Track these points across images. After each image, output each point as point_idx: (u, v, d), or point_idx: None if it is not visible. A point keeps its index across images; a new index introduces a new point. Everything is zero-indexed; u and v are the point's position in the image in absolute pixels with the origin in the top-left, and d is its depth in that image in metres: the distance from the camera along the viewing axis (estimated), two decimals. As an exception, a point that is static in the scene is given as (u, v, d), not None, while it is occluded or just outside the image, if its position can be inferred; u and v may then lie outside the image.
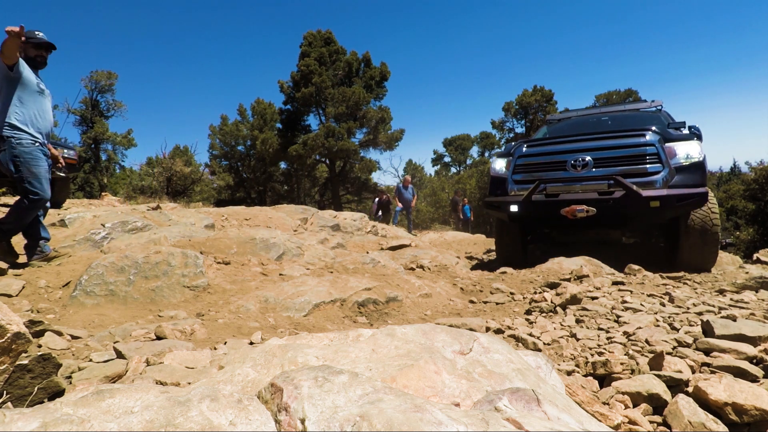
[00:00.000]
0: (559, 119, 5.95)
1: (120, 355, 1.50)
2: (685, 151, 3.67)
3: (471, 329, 1.86)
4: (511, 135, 29.29)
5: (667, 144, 3.70)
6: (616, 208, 3.66)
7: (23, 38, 2.76)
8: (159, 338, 1.75)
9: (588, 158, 3.85)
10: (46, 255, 2.94)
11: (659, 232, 4.76)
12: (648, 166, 3.65)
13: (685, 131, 4.15)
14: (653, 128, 3.83)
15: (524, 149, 4.32)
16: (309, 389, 0.73)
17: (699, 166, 3.65)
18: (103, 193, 14.70)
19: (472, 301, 2.79)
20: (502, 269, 3.86)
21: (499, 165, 4.56)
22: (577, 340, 1.72)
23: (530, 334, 1.81)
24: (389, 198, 13.27)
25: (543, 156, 4.18)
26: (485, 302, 2.71)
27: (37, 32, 3.04)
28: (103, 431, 0.64)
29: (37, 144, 2.91)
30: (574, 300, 2.32)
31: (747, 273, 3.47)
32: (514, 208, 4.10)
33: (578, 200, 3.78)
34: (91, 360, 1.47)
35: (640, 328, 1.77)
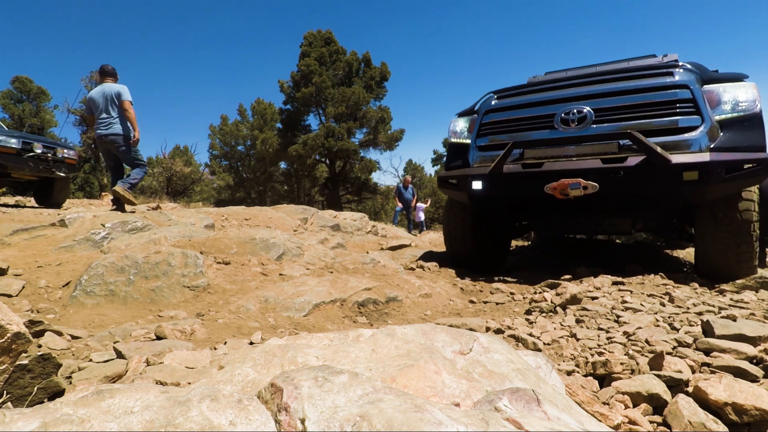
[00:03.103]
0: (544, 81, 4.58)
1: (120, 355, 1.50)
2: (733, 97, 2.48)
3: (471, 329, 1.86)
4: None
5: (706, 86, 2.50)
6: (630, 182, 2.50)
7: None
8: (159, 338, 1.75)
9: (586, 109, 2.64)
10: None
11: (682, 223, 3.36)
12: (679, 118, 2.46)
13: None
14: (685, 64, 2.65)
15: (494, 102, 3.11)
16: (309, 389, 0.73)
17: (755, 119, 2.47)
18: (103, 193, 14.71)
19: (472, 301, 2.79)
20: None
21: (460, 126, 3.28)
22: (577, 340, 1.72)
23: (530, 334, 1.81)
24: (335, 190, 15.14)
25: (520, 109, 2.95)
26: (485, 302, 2.71)
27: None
28: (103, 431, 0.64)
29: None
30: (574, 300, 2.32)
31: (747, 273, 3.46)
32: (476, 184, 2.93)
33: (571, 171, 2.60)
34: (91, 360, 1.47)
35: (640, 328, 1.77)
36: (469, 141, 3.17)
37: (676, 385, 1.24)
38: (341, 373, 0.79)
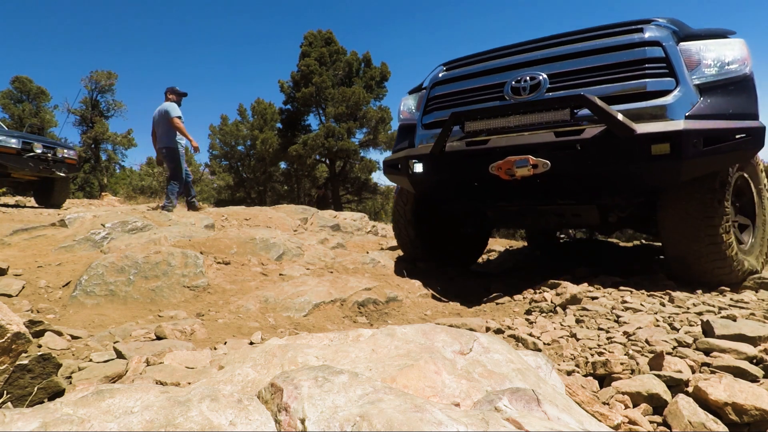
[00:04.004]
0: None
1: (120, 355, 1.50)
2: (716, 56, 2.11)
3: (471, 329, 1.86)
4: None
5: (683, 44, 2.14)
6: (588, 159, 2.12)
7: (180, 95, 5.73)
8: (159, 338, 1.75)
9: (541, 76, 2.30)
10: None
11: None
12: (648, 80, 2.10)
13: None
14: (658, 19, 2.28)
15: (441, 75, 2.77)
16: (309, 389, 0.73)
17: (744, 83, 2.11)
18: (103, 193, 14.74)
19: (471, 301, 2.79)
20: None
21: (409, 105, 2.97)
22: (577, 340, 1.71)
23: (530, 334, 1.81)
24: (324, 193, 15.60)
25: (469, 80, 2.61)
26: (485, 302, 2.71)
27: (179, 89, 5.72)
28: (103, 431, 0.64)
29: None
30: (574, 300, 2.32)
31: (747, 273, 3.46)
32: (418, 167, 2.60)
33: (520, 147, 2.22)
34: (91, 360, 1.47)
35: (640, 328, 1.77)
36: (416, 120, 2.81)
37: (676, 385, 1.24)
38: (341, 373, 0.79)
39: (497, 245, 5.93)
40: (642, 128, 2.00)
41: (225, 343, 1.71)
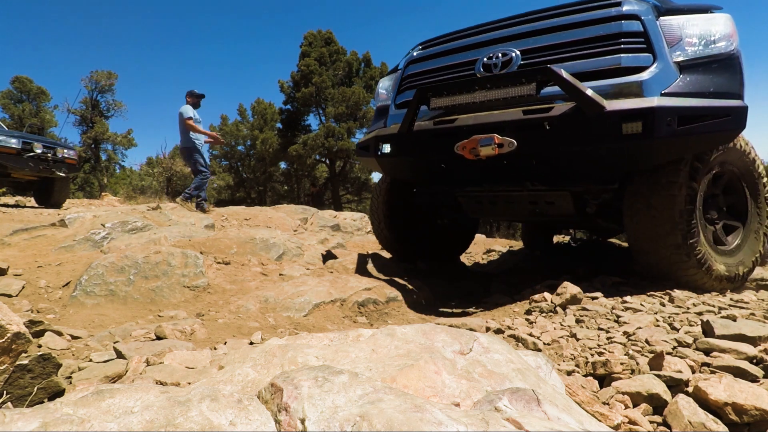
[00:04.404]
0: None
1: (120, 355, 1.50)
2: (699, 32, 2.00)
3: (471, 329, 1.86)
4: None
5: (664, 18, 2.03)
6: (556, 138, 2.01)
7: (196, 97, 6.16)
8: (159, 338, 1.75)
9: (514, 52, 2.20)
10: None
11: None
12: (623, 56, 1.98)
13: None
14: None
15: (416, 53, 2.70)
16: (309, 389, 0.73)
17: (728, 60, 2.00)
18: (103, 193, 14.74)
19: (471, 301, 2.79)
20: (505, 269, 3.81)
21: (385, 86, 2.89)
22: (577, 340, 1.71)
23: (530, 334, 1.81)
24: (320, 190, 16.06)
25: (443, 57, 2.53)
26: (485, 302, 2.71)
27: (196, 90, 6.15)
28: (103, 431, 0.64)
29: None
30: (574, 300, 2.32)
31: (747, 273, 3.45)
32: (386, 147, 2.52)
33: (486, 125, 2.13)
34: (91, 360, 1.47)
35: (640, 328, 1.77)
36: (390, 102, 2.72)
37: (676, 385, 1.24)
38: (341, 373, 0.79)
39: (497, 245, 5.94)
40: (612, 105, 1.87)
41: (225, 343, 1.71)
